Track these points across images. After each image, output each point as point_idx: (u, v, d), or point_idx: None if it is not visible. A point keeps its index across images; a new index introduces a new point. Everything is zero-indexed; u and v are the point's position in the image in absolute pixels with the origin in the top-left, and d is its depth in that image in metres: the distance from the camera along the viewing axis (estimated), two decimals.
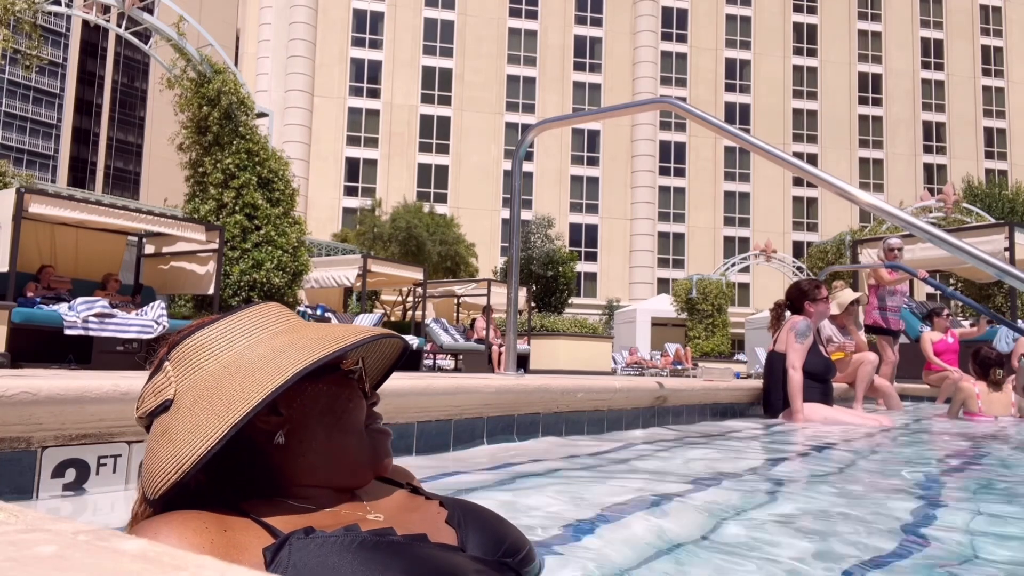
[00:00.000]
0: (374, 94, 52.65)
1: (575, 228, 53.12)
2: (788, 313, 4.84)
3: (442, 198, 51.48)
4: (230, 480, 0.83)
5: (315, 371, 0.82)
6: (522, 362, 12.78)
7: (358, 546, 0.73)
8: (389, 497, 0.90)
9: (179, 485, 0.75)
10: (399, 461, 0.99)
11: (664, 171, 55.19)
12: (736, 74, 56.82)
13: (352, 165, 51.98)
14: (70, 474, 1.53)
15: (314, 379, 0.84)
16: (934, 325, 7.48)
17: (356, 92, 52.56)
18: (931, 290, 11.03)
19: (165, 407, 0.80)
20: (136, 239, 8.76)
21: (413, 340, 10.28)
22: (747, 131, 43.45)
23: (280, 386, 0.76)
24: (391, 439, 0.92)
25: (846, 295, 6.00)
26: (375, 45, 53.16)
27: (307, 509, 0.81)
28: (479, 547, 0.85)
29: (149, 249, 8.82)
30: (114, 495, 1.54)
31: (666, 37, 56.33)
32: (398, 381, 2.32)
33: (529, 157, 51.08)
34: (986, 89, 58.08)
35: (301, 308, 11.20)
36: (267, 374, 0.77)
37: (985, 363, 5.08)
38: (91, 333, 6.45)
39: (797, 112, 56.78)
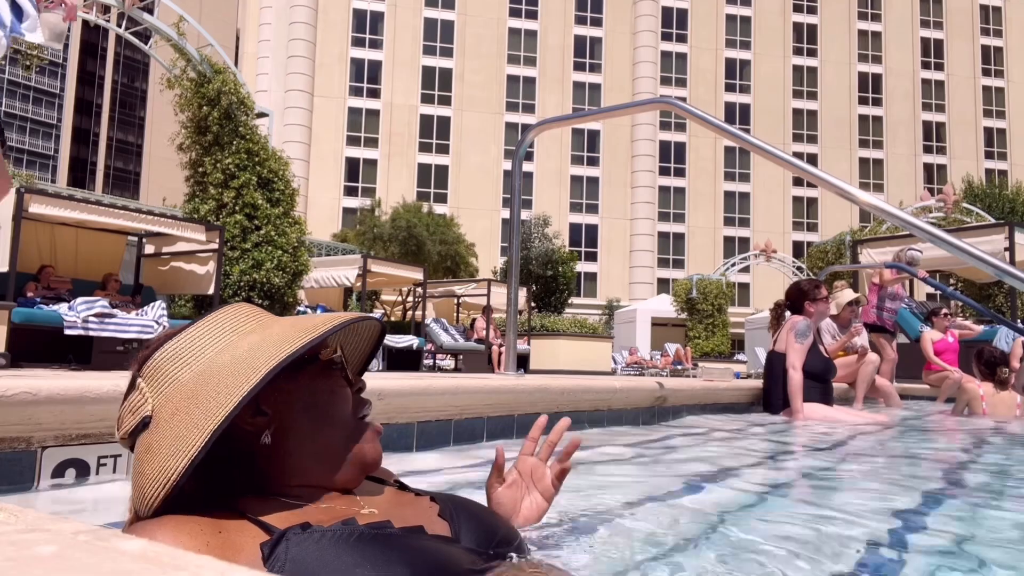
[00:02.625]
0: (374, 94, 52.63)
1: (575, 228, 53.12)
2: (788, 313, 4.84)
3: (442, 198, 51.46)
4: (223, 483, 0.82)
5: (294, 365, 0.80)
6: (522, 362, 12.78)
7: (356, 539, 0.73)
8: (380, 495, 0.89)
9: (170, 496, 0.74)
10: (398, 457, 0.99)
11: (664, 171, 55.17)
12: (736, 74, 56.81)
13: (352, 165, 51.96)
14: (70, 474, 1.53)
15: (294, 373, 0.83)
16: (934, 325, 7.48)
17: (356, 92, 52.54)
18: (931, 290, 11.03)
19: (145, 424, 0.78)
20: (136, 239, 8.76)
21: (413, 340, 10.29)
22: (747, 131, 43.38)
23: (255, 386, 0.75)
24: (380, 435, 0.90)
25: (845, 295, 6.01)
26: (375, 45, 53.14)
27: (302, 506, 0.81)
28: (473, 539, 0.85)
29: (149, 249, 8.82)
30: (114, 495, 1.54)
31: (666, 37, 56.31)
32: (398, 381, 2.32)
33: (529, 157, 51.07)
34: (986, 89, 58.06)
35: (301, 308, 11.20)
36: (241, 376, 0.76)
37: (991, 363, 5.07)
38: (91, 333, 6.44)
39: (797, 112, 56.77)
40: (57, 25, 3.10)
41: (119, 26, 10.10)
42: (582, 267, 47.81)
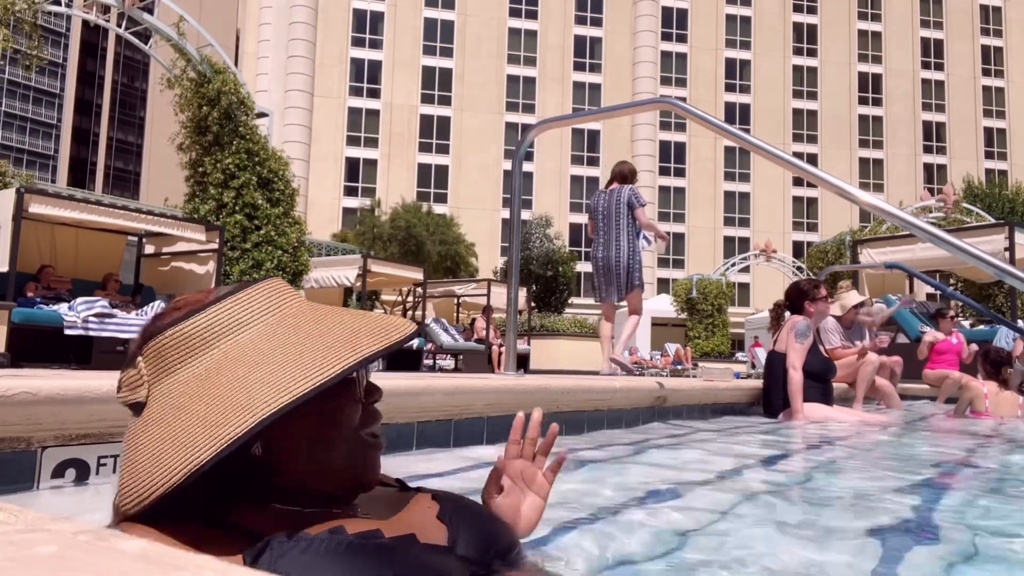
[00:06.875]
0: (374, 94, 52.63)
1: (575, 228, 53.06)
2: (788, 313, 4.84)
3: (442, 198, 51.46)
4: (212, 487, 0.75)
5: None
6: (522, 362, 12.78)
7: (344, 549, 0.69)
8: (378, 496, 0.87)
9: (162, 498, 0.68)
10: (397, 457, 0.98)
11: (664, 171, 55.16)
12: (736, 74, 56.80)
13: (352, 165, 51.95)
14: (70, 474, 1.53)
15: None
16: (939, 326, 7.50)
17: (356, 92, 52.54)
18: (931, 290, 11.05)
19: (138, 408, 0.74)
20: (136, 239, 8.76)
21: (413, 340, 10.29)
22: (747, 131, 43.33)
23: (273, 413, 0.67)
24: (381, 451, 0.85)
25: (850, 297, 6.00)
26: (375, 45, 53.14)
27: (292, 512, 0.77)
28: (470, 546, 0.83)
29: (149, 249, 8.82)
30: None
31: (666, 37, 56.31)
32: (398, 381, 2.32)
33: (529, 157, 51.05)
34: (986, 89, 58.06)
35: None
36: (256, 402, 0.68)
37: (997, 362, 5.08)
38: (91, 333, 6.45)
39: (797, 112, 56.75)
40: (662, 245, 5.44)
41: (119, 26, 10.10)
42: (582, 267, 47.77)
